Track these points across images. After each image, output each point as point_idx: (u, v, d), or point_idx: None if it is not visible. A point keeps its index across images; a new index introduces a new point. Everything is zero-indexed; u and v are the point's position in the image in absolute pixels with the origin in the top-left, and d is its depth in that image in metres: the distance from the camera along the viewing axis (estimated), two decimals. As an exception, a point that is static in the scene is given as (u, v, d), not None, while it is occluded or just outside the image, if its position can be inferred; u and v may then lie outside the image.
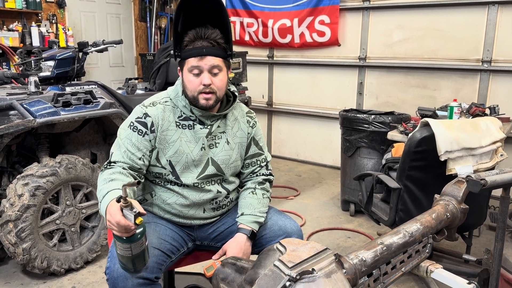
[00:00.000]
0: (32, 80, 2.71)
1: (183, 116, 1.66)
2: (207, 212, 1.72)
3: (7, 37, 5.06)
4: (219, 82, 1.61)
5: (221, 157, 1.70)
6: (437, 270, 1.18)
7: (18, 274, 2.70)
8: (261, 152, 1.82)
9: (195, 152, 1.65)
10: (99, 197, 1.47)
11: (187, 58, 1.59)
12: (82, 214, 2.73)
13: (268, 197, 1.80)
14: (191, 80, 1.59)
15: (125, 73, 6.59)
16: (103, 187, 1.46)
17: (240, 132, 1.75)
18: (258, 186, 1.78)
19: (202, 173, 1.67)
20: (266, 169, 1.84)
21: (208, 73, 1.58)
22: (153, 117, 1.62)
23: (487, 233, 3.35)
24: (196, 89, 1.59)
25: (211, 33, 1.58)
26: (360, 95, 4.89)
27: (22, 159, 2.83)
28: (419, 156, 2.27)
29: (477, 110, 3.12)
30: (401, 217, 2.36)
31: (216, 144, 1.69)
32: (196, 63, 1.57)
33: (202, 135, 1.66)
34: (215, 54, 1.58)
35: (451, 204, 1.24)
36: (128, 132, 1.61)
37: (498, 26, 3.97)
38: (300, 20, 5.03)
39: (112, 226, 1.29)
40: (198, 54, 1.57)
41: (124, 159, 1.58)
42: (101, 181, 1.50)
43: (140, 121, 1.62)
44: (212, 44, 1.58)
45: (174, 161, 1.63)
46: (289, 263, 0.83)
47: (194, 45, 1.57)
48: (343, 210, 3.85)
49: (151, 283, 1.46)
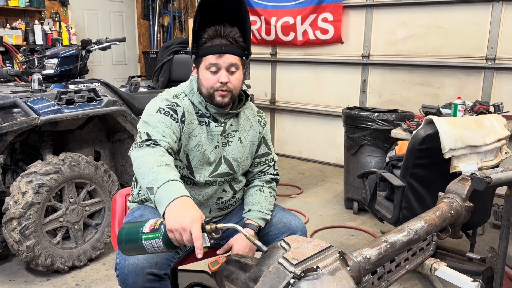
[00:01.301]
0: (36, 78, 2.72)
1: (199, 113, 1.65)
2: (213, 212, 1.73)
3: (11, 35, 5.07)
4: (235, 81, 1.61)
5: (234, 155, 1.70)
6: (441, 268, 1.17)
7: (22, 272, 2.71)
8: (269, 152, 1.84)
9: (210, 150, 1.65)
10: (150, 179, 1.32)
11: (205, 55, 1.58)
12: (86, 211, 2.74)
13: (274, 196, 1.80)
14: (208, 77, 1.59)
15: (128, 71, 6.60)
16: (157, 170, 1.33)
17: (252, 131, 1.76)
18: (266, 185, 1.79)
19: (215, 171, 1.67)
20: (273, 169, 1.86)
21: (225, 71, 1.58)
22: (183, 107, 1.60)
23: (491, 231, 3.33)
24: (213, 87, 1.58)
25: (230, 31, 1.58)
26: (364, 93, 4.88)
27: (25, 156, 2.84)
28: (423, 153, 2.26)
29: (481, 107, 3.10)
30: (405, 215, 2.36)
31: (229, 143, 1.70)
32: (214, 61, 1.56)
33: (217, 133, 1.66)
34: (234, 53, 1.58)
35: (456, 202, 1.24)
36: (159, 116, 1.54)
37: (502, 23, 3.95)
38: (303, 18, 5.01)
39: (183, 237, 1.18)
40: (217, 51, 1.56)
41: (166, 139, 1.47)
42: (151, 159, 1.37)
43: (171, 108, 1.57)
44: (231, 43, 1.57)
45: (192, 156, 1.62)
46: (294, 261, 0.83)
47: (213, 43, 1.56)
48: (346, 208, 3.85)
49: (160, 279, 1.46)
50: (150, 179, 1.32)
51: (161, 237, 1.20)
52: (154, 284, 1.44)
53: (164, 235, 1.19)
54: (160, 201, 1.27)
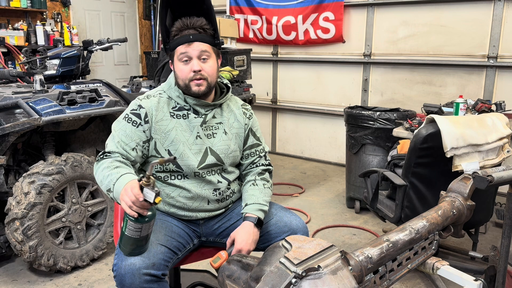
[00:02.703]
0: (38, 78, 2.72)
1: (177, 107, 1.70)
2: (212, 203, 1.73)
3: (13, 36, 5.08)
4: (209, 68, 1.65)
5: (220, 147, 1.73)
6: (443, 267, 1.17)
7: (24, 272, 2.72)
8: (259, 143, 1.85)
9: (190, 141, 1.68)
10: (106, 183, 1.49)
11: (176, 47, 1.64)
12: (88, 212, 2.75)
13: (269, 187, 1.81)
14: (181, 68, 1.64)
15: (129, 71, 6.61)
16: (110, 173, 1.50)
17: (236, 123, 1.78)
18: (258, 177, 1.80)
19: (203, 163, 1.69)
20: (265, 159, 1.86)
21: (197, 59, 1.63)
22: (146, 108, 1.66)
23: (493, 230, 3.33)
24: (187, 77, 1.63)
25: (197, 20, 1.64)
26: (365, 92, 4.88)
27: (28, 157, 2.85)
28: (425, 152, 2.26)
29: (483, 106, 3.10)
30: (406, 214, 2.36)
31: (214, 135, 1.73)
32: (184, 50, 1.62)
33: (197, 124, 1.69)
34: (203, 40, 1.63)
35: (457, 200, 1.23)
36: (123, 124, 1.66)
37: (504, 21, 3.94)
38: (305, 17, 5.01)
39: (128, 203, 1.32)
40: (186, 41, 1.62)
41: (118, 149, 1.61)
42: (104, 168, 1.53)
43: (134, 113, 1.66)
44: (199, 31, 1.63)
45: (172, 150, 1.66)
46: (295, 260, 0.83)
47: (182, 34, 1.63)
48: (348, 207, 3.84)
49: (158, 280, 1.46)
50: (106, 183, 1.49)
51: (127, 218, 1.34)
52: (152, 285, 1.45)
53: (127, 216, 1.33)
54: (117, 194, 1.43)
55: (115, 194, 1.47)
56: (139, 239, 1.39)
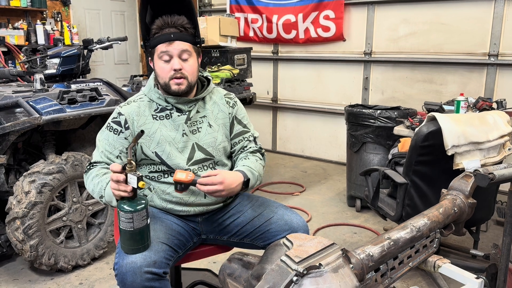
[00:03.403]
0: (38, 77, 2.72)
1: (159, 108, 1.70)
2: (208, 197, 1.72)
3: (13, 35, 5.07)
4: (189, 68, 1.64)
5: (206, 140, 1.72)
6: (444, 265, 1.17)
7: (25, 271, 2.72)
8: (246, 130, 1.83)
9: (177, 139, 1.68)
10: (98, 190, 1.55)
11: (156, 45, 1.63)
12: (89, 211, 2.75)
13: (262, 164, 1.77)
14: (161, 66, 1.64)
15: (130, 70, 6.60)
16: (100, 180, 1.56)
17: (221, 113, 1.78)
18: (250, 154, 1.78)
19: (191, 159, 1.69)
20: (255, 143, 1.83)
21: (178, 58, 1.62)
22: (126, 115, 1.67)
23: (494, 228, 3.33)
24: (167, 75, 1.63)
25: (178, 19, 1.63)
26: (366, 90, 4.87)
27: (28, 156, 2.85)
28: (426, 150, 2.26)
29: (484, 104, 3.09)
30: (408, 212, 2.35)
31: (199, 129, 1.72)
32: (165, 48, 1.61)
33: (181, 122, 1.69)
34: (184, 39, 1.63)
35: (459, 198, 1.23)
36: (106, 133, 1.68)
37: (505, 19, 3.93)
38: (305, 16, 5.00)
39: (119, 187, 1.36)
40: (166, 39, 1.61)
41: (103, 159, 1.65)
42: (93, 178, 1.60)
43: (114, 121, 1.68)
44: (180, 30, 1.62)
45: (160, 151, 1.67)
46: (296, 258, 0.83)
47: (162, 32, 1.62)
48: (349, 205, 3.84)
49: (159, 278, 1.46)
50: (98, 190, 1.56)
51: (119, 210, 1.38)
52: (153, 283, 1.44)
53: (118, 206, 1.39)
54: (109, 198, 1.50)
55: (107, 198, 1.52)
56: (134, 233, 1.39)
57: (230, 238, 1.77)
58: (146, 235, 1.44)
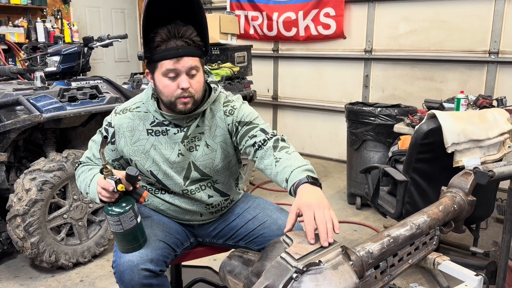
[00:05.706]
0: (38, 75, 2.72)
1: (155, 122, 1.55)
2: (205, 215, 1.70)
3: (13, 33, 5.08)
4: (196, 84, 1.46)
5: (203, 162, 1.58)
6: (444, 262, 1.17)
7: (26, 268, 2.73)
8: (253, 126, 1.55)
9: (172, 159, 1.55)
10: (83, 187, 1.53)
11: (160, 60, 1.41)
12: (89, 208, 2.75)
13: (293, 151, 1.47)
14: (167, 84, 1.44)
15: (130, 68, 6.60)
16: (85, 176, 1.54)
17: (219, 130, 1.58)
18: (273, 152, 1.45)
19: (187, 179, 1.59)
20: (265, 134, 1.52)
21: (185, 75, 1.43)
22: (116, 128, 1.56)
23: (494, 225, 3.33)
24: (173, 94, 1.44)
25: (185, 30, 1.42)
26: (366, 88, 4.87)
27: (29, 154, 2.85)
28: (426, 148, 2.26)
29: (484, 102, 3.09)
30: (408, 210, 2.36)
31: (196, 147, 1.57)
32: (172, 66, 1.41)
33: (178, 140, 1.54)
34: (192, 54, 1.43)
35: (458, 196, 1.23)
36: (97, 137, 1.63)
37: (505, 16, 3.92)
38: (305, 13, 5.00)
39: (101, 192, 1.34)
40: (174, 55, 1.40)
41: (89, 163, 1.62)
42: (80, 175, 1.58)
43: (105, 129, 1.60)
44: (188, 43, 1.42)
45: (155, 170, 1.58)
46: (296, 255, 0.83)
47: (168, 46, 1.40)
48: (349, 203, 3.84)
49: (156, 275, 1.47)
50: (84, 187, 1.53)
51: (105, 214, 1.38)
52: (151, 281, 1.45)
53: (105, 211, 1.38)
54: (93, 195, 1.45)
55: (91, 195, 1.48)
56: (125, 234, 1.39)
57: (226, 241, 1.75)
58: (138, 234, 1.43)
